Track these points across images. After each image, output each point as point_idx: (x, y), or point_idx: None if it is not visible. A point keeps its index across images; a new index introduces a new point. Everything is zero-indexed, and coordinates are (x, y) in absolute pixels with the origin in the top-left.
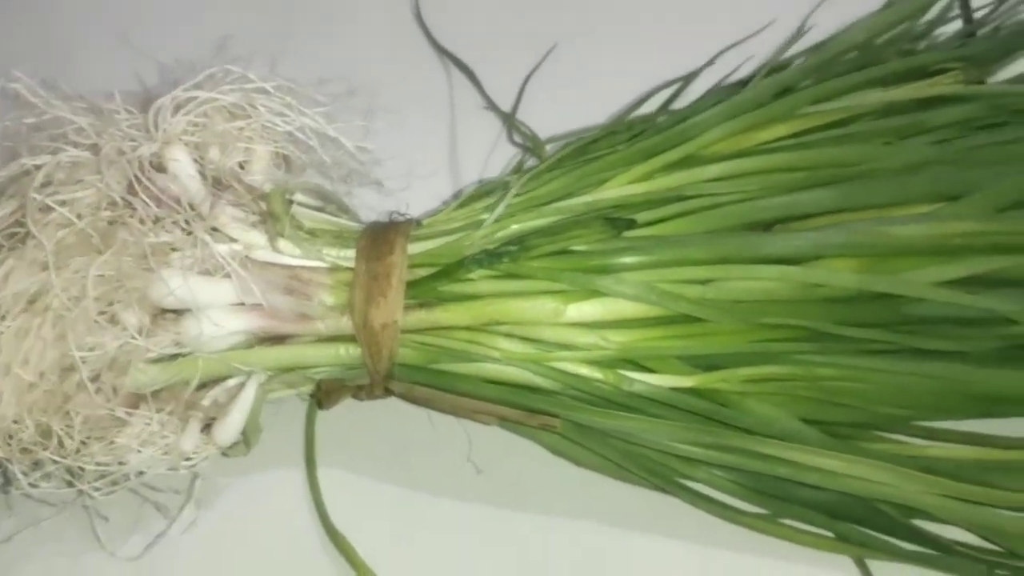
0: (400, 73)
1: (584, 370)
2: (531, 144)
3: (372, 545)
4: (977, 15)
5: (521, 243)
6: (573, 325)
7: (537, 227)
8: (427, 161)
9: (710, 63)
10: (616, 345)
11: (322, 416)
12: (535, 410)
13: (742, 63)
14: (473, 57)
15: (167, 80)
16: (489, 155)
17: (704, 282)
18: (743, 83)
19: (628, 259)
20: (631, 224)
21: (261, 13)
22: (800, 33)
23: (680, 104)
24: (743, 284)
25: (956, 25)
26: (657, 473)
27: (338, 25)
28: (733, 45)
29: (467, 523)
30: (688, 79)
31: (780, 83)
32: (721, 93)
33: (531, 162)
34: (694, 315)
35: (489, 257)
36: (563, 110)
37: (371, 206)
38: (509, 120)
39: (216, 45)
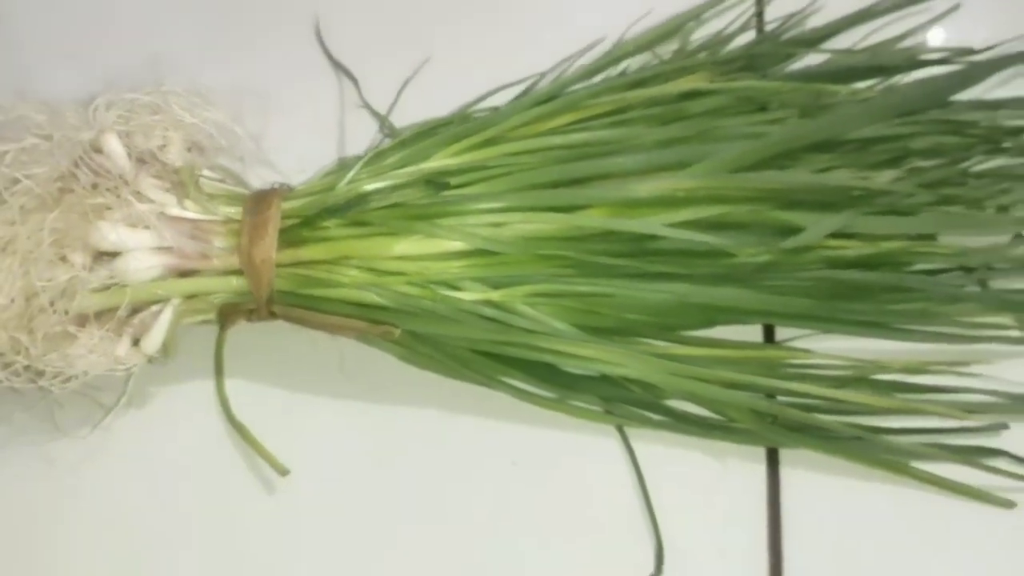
0: (302, 79)
1: (411, 290)
2: (391, 133)
3: (267, 436)
4: (770, 26)
5: (363, 199)
6: (401, 258)
7: (377, 188)
8: (322, 148)
9: (551, 70)
10: (433, 271)
11: (230, 339)
12: (379, 322)
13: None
14: (365, 67)
15: (107, 86)
16: (368, 146)
17: (497, 225)
18: None
19: (442, 209)
20: (446, 186)
21: (188, 32)
22: (617, 44)
23: None
24: (524, 226)
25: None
26: (476, 369)
27: (251, 40)
28: (569, 58)
29: (339, 416)
30: (536, 80)
31: (563, 82)
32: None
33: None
34: (488, 249)
35: (339, 210)
36: (433, 109)
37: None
38: (380, 117)
39: (151, 58)
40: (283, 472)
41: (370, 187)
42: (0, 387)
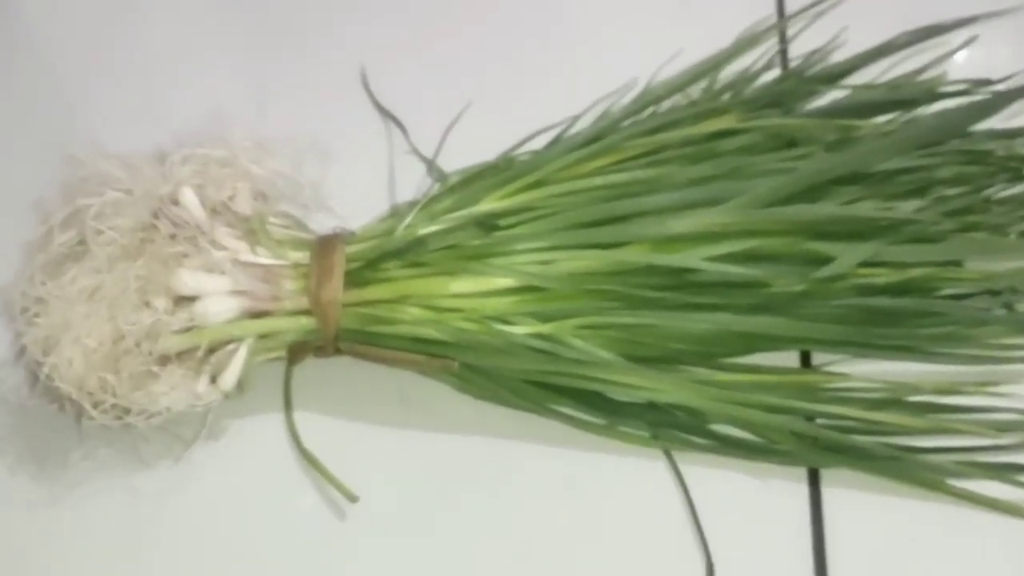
0: (350, 127)
1: (467, 325)
2: (439, 177)
3: (333, 464)
4: (794, 63)
5: (421, 243)
6: (458, 296)
7: (433, 231)
8: (373, 195)
9: (584, 112)
10: (487, 307)
11: (297, 374)
12: (438, 356)
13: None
14: (414, 115)
15: (176, 141)
16: (417, 189)
17: (545, 263)
18: None
19: (493, 249)
20: (496, 227)
21: (244, 87)
22: (648, 86)
23: None
24: (571, 263)
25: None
26: (529, 398)
27: (303, 94)
28: (601, 99)
29: (400, 445)
30: (570, 123)
31: (603, 126)
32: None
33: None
34: (537, 285)
35: (399, 252)
36: (479, 152)
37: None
38: (428, 162)
39: (210, 113)
40: (352, 499)
41: (426, 230)
42: (88, 425)
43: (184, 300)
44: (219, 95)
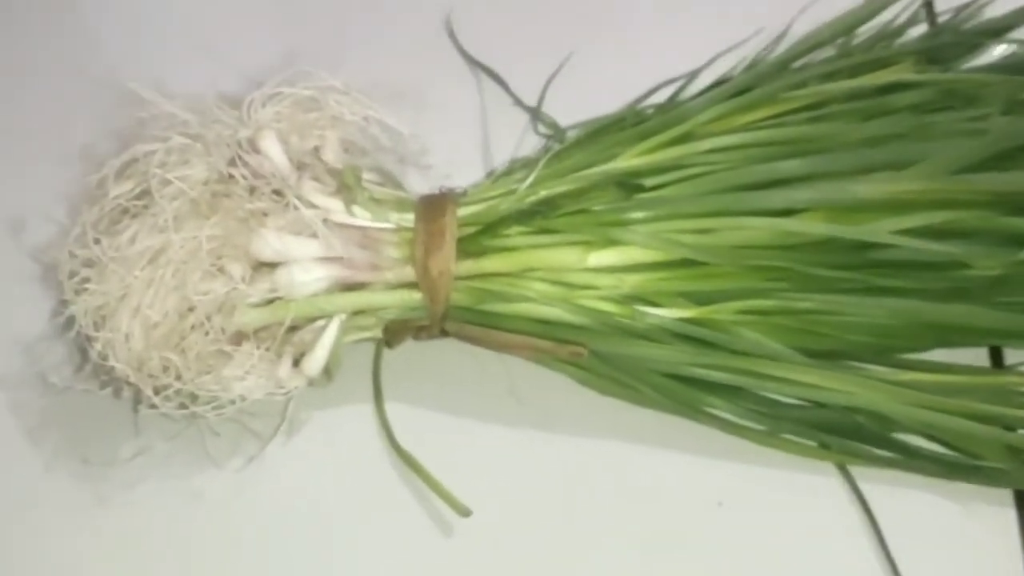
0: (436, 79)
1: (604, 306)
2: (553, 132)
3: (431, 465)
4: (941, 19)
5: (550, 204)
6: (594, 270)
7: (562, 192)
8: (465, 152)
9: (708, 64)
10: (629, 285)
11: (386, 360)
12: (566, 341)
13: (735, 64)
14: (499, 65)
15: (249, 84)
16: (516, 146)
17: (701, 232)
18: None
19: (637, 215)
20: (639, 188)
21: (320, 31)
22: (781, 36)
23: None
24: (732, 233)
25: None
26: (670, 395)
27: (384, 40)
28: (728, 50)
29: (509, 445)
30: (691, 76)
31: (758, 74)
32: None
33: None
34: (693, 259)
35: (524, 215)
36: (578, 107)
37: (420, 190)
38: (535, 113)
39: (283, 57)
40: (464, 513)
41: (554, 191)
42: (145, 414)
43: (265, 267)
44: (292, 41)
